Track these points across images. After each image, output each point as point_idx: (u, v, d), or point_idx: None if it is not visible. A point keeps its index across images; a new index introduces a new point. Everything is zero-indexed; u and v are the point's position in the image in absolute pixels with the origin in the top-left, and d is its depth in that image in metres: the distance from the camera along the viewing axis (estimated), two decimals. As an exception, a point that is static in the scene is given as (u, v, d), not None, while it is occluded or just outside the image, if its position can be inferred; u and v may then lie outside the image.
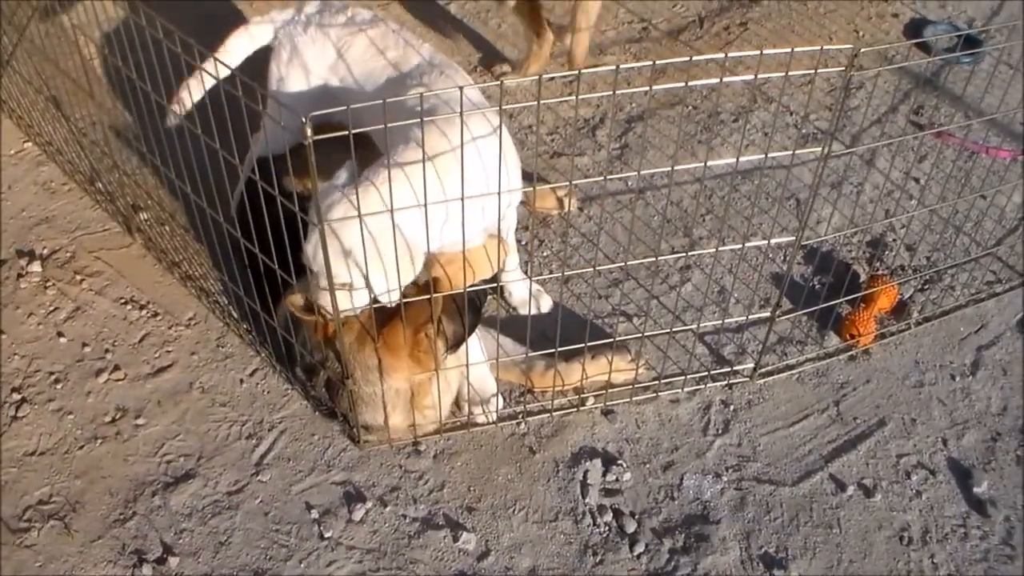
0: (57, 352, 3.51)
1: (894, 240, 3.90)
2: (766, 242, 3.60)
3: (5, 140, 4.22)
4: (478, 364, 3.24)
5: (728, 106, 4.47)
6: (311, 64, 3.45)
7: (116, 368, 3.45)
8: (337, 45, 3.41)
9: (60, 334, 3.55)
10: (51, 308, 3.63)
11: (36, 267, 3.73)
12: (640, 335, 3.40)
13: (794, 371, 3.48)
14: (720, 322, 3.53)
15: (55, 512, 3.10)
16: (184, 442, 3.27)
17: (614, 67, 2.49)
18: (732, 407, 3.39)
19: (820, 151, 2.84)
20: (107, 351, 3.51)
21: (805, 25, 4.92)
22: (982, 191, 3.96)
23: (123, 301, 3.65)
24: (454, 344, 3.03)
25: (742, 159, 2.91)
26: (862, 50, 2.65)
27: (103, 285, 3.70)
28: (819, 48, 2.56)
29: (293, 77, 3.48)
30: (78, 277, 3.72)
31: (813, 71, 2.63)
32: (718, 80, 2.63)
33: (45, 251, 3.80)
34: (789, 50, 2.53)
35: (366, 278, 2.78)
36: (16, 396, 3.38)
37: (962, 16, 5.02)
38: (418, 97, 2.46)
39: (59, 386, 3.41)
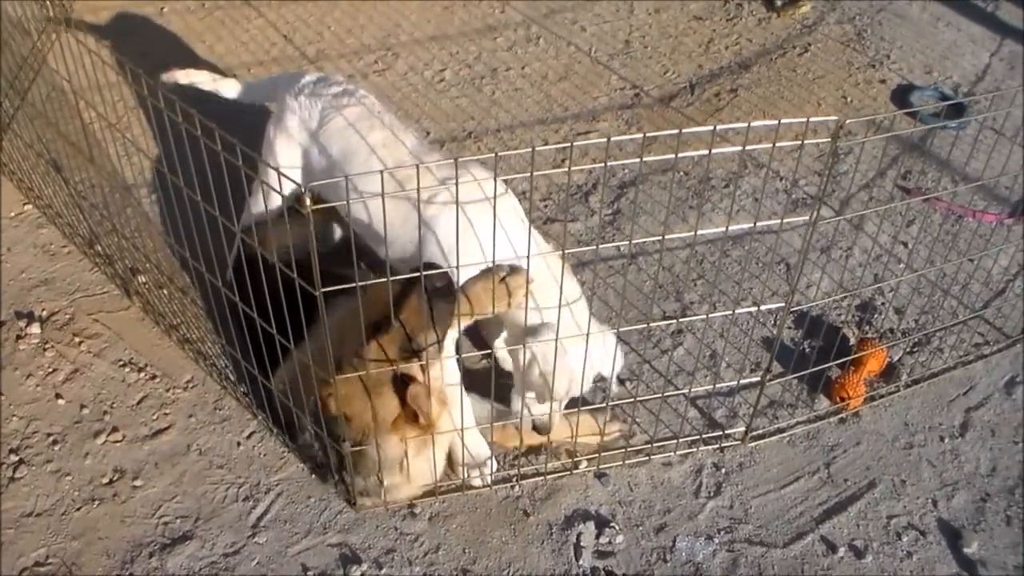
0: (55, 414, 3.53)
1: (883, 304, 3.95)
2: (756, 307, 3.64)
3: (5, 202, 4.26)
4: (470, 429, 3.27)
5: (719, 172, 4.53)
6: (295, 132, 3.54)
7: (114, 430, 3.47)
8: (323, 117, 3.50)
9: (58, 396, 3.57)
10: (50, 370, 3.65)
11: (35, 329, 3.76)
12: (633, 399, 3.44)
13: (785, 434, 3.52)
14: (712, 386, 3.57)
15: (52, 574, 3.10)
16: (181, 504, 3.29)
17: (605, 139, 2.55)
18: (724, 470, 3.41)
19: (809, 217, 2.89)
20: (105, 413, 3.53)
21: (794, 91, 5.01)
22: (969, 254, 4.01)
23: (121, 363, 3.68)
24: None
25: (732, 225, 2.96)
26: (848, 121, 2.72)
27: (102, 347, 3.73)
28: (806, 120, 2.62)
29: (280, 141, 3.57)
30: (77, 339, 3.75)
31: (800, 142, 2.69)
32: (707, 152, 2.68)
33: (44, 313, 3.84)
34: (776, 122, 2.60)
35: None
36: (14, 457, 3.39)
37: (948, 82, 5.11)
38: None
39: (57, 447, 3.43)
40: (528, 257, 2.93)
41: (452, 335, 3.18)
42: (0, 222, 4.19)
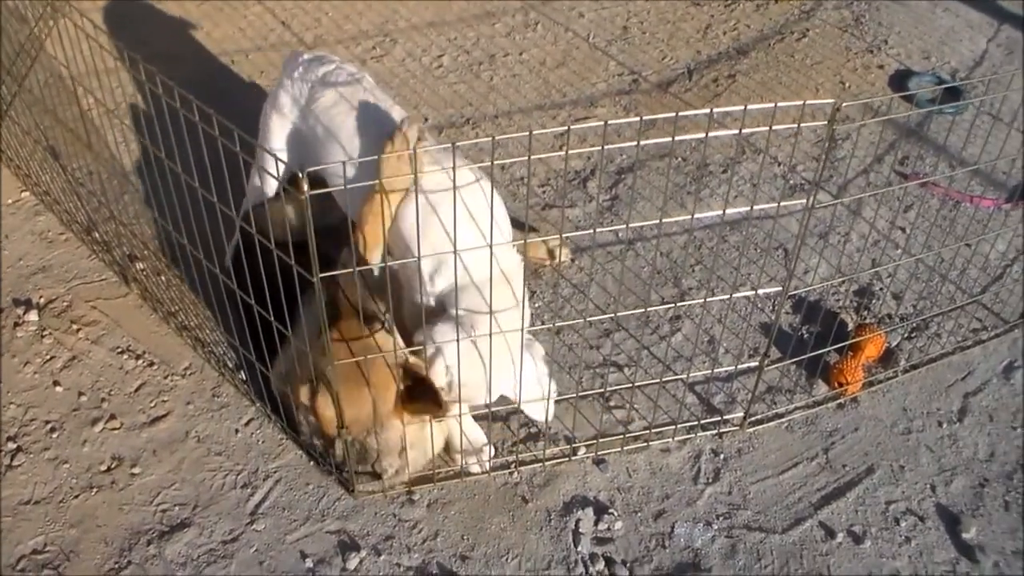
0: (53, 401, 3.53)
1: (881, 289, 3.95)
2: (754, 292, 3.64)
3: (3, 189, 4.26)
4: (467, 416, 3.27)
5: (716, 157, 4.53)
6: (287, 109, 3.53)
7: (112, 417, 3.47)
8: (312, 94, 3.48)
9: (56, 383, 3.57)
10: (48, 357, 3.65)
11: (33, 316, 3.76)
12: (631, 385, 3.44)
13: (783, 419, 3.52)
14: (710, 371, 3.57)
15: (49, 561, 3.11)
16: (179, 491, 3.29)
17: (603, 122, 2.54)
18: (722, 456, 3.42)
19: (806, 202, 2.89)
20: (103, 400, 3.53)
21: (792, 76, 5.00)
22: (966, 239, 4.01)
23: (119, 350, 3.67)
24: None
25: (730, 210, 2.95)
26: (844, 104, 2.71)
27: (99, 334, 3.73)
28: (802, 103, 2.61)
29: (273, 119, 3.57)
30: (75, 326, 3.74)
31: (796, 125, 2.69)
32: (704, 135, 2.67)
33: (42, 300, 3.83)
34: (773, 105, 2.59)
35: None
36: (12, 445, 3.39)
37: (946, 67, 5.10)
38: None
39: (55, 435, 3.43)
40: (525, 243, 2.92)
41: None
42: (-2, 209, 4.19)
